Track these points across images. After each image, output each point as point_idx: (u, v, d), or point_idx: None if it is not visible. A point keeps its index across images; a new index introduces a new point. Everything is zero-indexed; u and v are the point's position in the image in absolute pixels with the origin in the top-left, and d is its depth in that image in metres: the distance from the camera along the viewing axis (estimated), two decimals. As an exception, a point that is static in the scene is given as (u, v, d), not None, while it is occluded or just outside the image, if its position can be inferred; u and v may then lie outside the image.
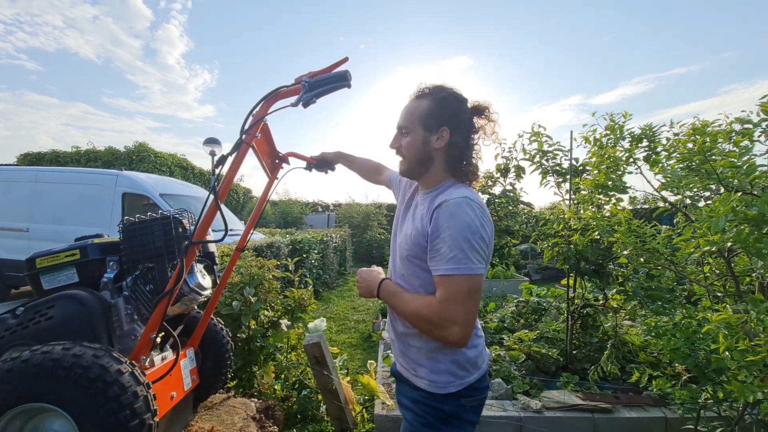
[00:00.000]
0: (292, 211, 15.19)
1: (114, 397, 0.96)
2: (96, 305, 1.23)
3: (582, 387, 2.50)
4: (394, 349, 1.14)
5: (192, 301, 1.47)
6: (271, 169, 1.75)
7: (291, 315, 2.99)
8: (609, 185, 2.04)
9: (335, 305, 6.24)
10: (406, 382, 1.08)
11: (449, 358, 1.00)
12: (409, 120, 1.06)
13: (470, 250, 0.90)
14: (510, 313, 3.90)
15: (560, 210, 2.94)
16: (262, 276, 2.83)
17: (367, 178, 1.59)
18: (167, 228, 1.44)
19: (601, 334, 2.99)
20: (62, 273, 1.36)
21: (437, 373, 1.00)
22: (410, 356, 1.06)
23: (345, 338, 4.58)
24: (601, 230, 2.30)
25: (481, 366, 1.05)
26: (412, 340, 1.04)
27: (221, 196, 1.26)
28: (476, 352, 1.05)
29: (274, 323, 2.81)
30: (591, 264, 2.71)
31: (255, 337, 2.63)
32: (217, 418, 1.64)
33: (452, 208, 0.93)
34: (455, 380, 1.00)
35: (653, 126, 2.03)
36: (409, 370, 1.06)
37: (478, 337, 1.08)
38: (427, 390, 1.00)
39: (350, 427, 2.43)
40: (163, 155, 12.41)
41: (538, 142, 3.03)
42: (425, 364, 1.02)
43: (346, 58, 1.28)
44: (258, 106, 1.33)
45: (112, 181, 5.80)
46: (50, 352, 0.97)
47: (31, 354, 0.96)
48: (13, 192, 6.00)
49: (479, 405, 1.07)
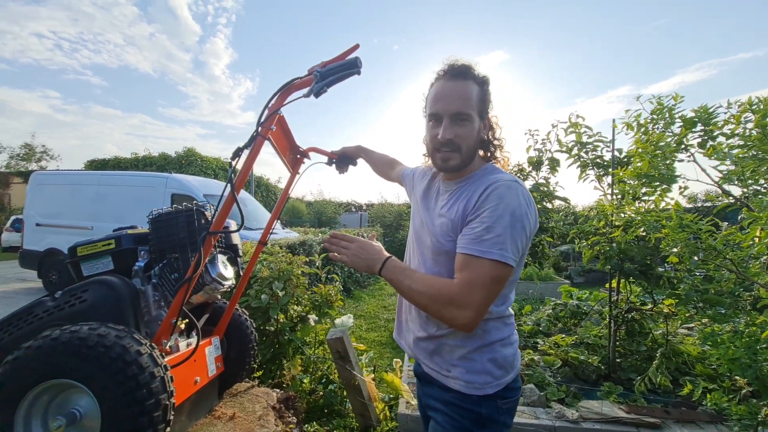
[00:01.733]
0: (326, 210, 15.61)
1: (132, 376, 1.01)
2: (125, 291, 1.32)
3: (626, 399, 2.28)
4: (418, 351, 1.06)
5: (214, 290, 1.53)
6: (292, 165, 1.77)
7: (319, 310, 3.04)
8: (653, 174, 1.82)
9: (366, 303, 6.27)
10: (435, 383, 1.01)
11: (487, 357, 0.94)
12: (469, 106, 0.94)
13: (507, 237, 0.84)
14: (546, 316, 3.67)
15: (601, 206, 2.72)
16: (291, 271, 2.90)
17: (380, 173, 1.56)
18: (190, 220, 1.51)
19: (650, 342, 2.71)
20: (100, 261, 1.47)
21: (474, 374, 0.94)
22: (443, 357, 0.99)
23: (374, 336, 4.57)
24: (647, 226, 2.08)
25: (516, 365, 1.00)
26: (446, 339, 0.98)
27: (237, 188, 1.29)
28: (513, 349, 0.99)
29: (302, 318, 2.87)
30: (637, 264, 2.47)
31: (283, 330, 2.70)
32: (240, 405, 1.69)
33: (502, 190, 0.87)
34: (493, 380, 0.94)
35: (708, 108, 1.79)
36: (440, 371, 1.00)
37: (514, 335, 1.02)
38: (462, 391, 0.94)
39: (373, 424, 2.40)
40: (208, 159, 13.32)
41: (576, 134, 2.82)
42: (460, 365, 0.96)
43: (357, 45, 1.26)
44: (273, 99, 1.35)
45: (163, 184, 6.32)
46: (77, 332, 1.04)
47: (60, 333, 1.04)
48: (79, 194, 6.74)
49: (514, 407, 1.00)
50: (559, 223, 3.30)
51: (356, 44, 1.26)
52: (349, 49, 1.27)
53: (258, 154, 1.36)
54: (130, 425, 1.00)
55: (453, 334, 0.97)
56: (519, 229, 0.85)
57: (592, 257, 2.68)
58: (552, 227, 2.98)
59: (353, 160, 1.67)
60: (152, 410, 1.03)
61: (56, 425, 1.06)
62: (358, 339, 4.36)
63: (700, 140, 1.88)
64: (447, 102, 0.94)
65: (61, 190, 6.84)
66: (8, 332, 1.29)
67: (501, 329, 0.98)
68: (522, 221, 0.86)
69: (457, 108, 0.94)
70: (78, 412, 1.08)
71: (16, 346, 1.08)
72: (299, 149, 1.75)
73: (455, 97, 0.94)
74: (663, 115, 1.91)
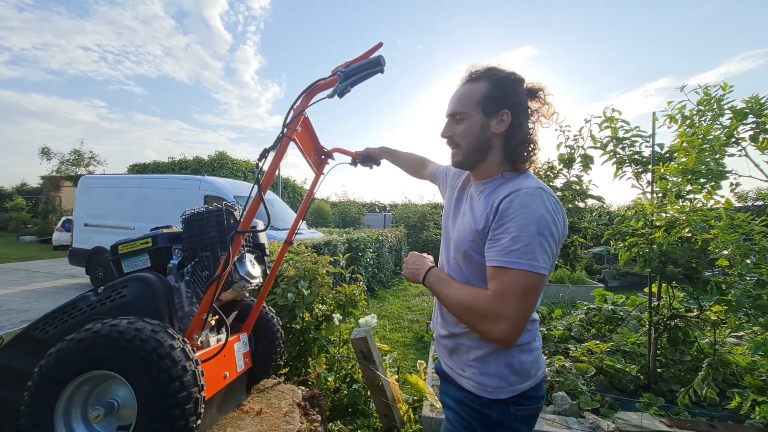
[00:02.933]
0: (350, 211, 15.77)
1: (166, 369, 1.06)
2: (160, 287, 1.39)
3: (668, 411, 2.13)
4: (440, 349, 1.10)
5: (242, 288, 1.57)
6: (317, 165, 1.79)
7: (343, 310, 3.07)
8: (701, 170, 1.68)
9: (390, 304, 6.26)
10: (451, 381, 1.04)
11: (503, 362, 0.93)
12: (465, 105, 0.99)
13: (536, 246, 0.82)
14: (578, 321, 3.50)
15: (640, 205, 2.55)
16: (316, 271, 2.94)
17: (411, 173, 1.56)
18: (220, 219, 1.56)
19: (695, 352, 2.52)
20: (138, 258, 1.56)
21: (487, 376, 0.94)
22: (459, 356, 1.01)
23: (398, 337, 4.55)
24: (694, 226, 1.92)
25: (536, 374, 0.97)
26: (464, 339, 0.99)
27: (264, 188, 1.32)
28: (532, 357, 0.97)
29: (327, 317, 2.90)
30: (680, 267, 2.30)
31: (309, 328, 2.74)
32: (266, 401, 1.73)
33: (525, 198, 0.86)
34: (506, 386, 0.93)
35: (761, 98, 1.63)
36: (455, 369, 1.01)
37: (536, 342, 0.99)
38: (474, 392, 0.95)
39: (397, 425, 2.38)
40: (238, 162, 13.85)
41: (611, 129, 2.67)
42: (475, 366, 0.96)
43: (380, 44, 1.26)
44: (298, 100, 1.37)
45: (196, 186, 6.63)
46: (117, 325, 1.10)
47: (101, 326, 1.11)
48: (123, 196, 7.20)
49: (532, 415, 0.97)
50: (593, 223, 3.13)
51: (379, 43, 1.26)
52: (373, 48, 1.26)
53: (284, 155, 1.39)
54: (164, 416, 1.04)
55: (469, 335, 0.97)
56: (547, 236, 0.83)
57: (629, 259, 2.53)
58: (585, 227, 2.84)
59: (376, 160, 1.68)
60: (184, 402, 1.07)
61: (95, 414, 1.12)
62: (382, 339, 4.35)
63: (752, 133, 1.72)
64: (448, 104, 1.04)
65: (107, 193, 7.35)
66: (54, 325, 1.39)
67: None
68: (549, 228, 0.84)
69: (452, 108, 1.01)
70: (116, 402, 1.14)
71: (61, 338, 1.16)
72: (324, 150, 1.77)
73: (454, 99, 1.02)
74: (711, 106, 1.77)
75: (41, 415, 1.12)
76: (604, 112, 2.67)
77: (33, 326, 1.43)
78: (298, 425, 1.53)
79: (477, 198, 1.00)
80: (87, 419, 1.17)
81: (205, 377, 1.21)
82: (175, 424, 1.05)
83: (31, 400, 1.12)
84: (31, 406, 1.12)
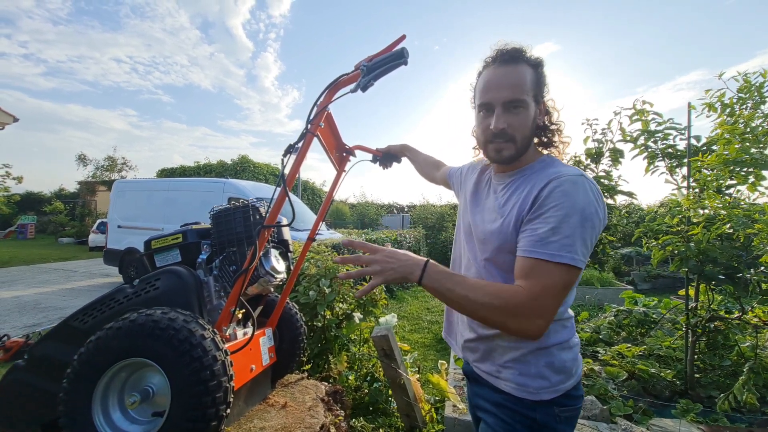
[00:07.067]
0: (368, 212, 15.83)
1: (197, 357, 1.09)
2: (191, 280, 1.43)
3: (707, 418, 2.01)
4: (467, 352, 1.02)
5: (267, 282, 1.60)
6: (339, 162, 1.80)
7: (363, 309, 3.08)
8: (745, 160, 1.58)
9: (409, 305, 6.22)
10: (485, 384, 0.97)
11: (543, 361, 0.87)
12: (523, 91, 0.87)
13: (577, 238, 0.77)
14: (607, 324, 3.37)
15: (674, 201, 2.43)
16: (336, 269, 2.97)
17: (424, 175, 1.53)
18: (246, 215, 1.60)
19: (735, 356, 2.37)
20: (170, 253, 1.62)
21: (528, 377, 0.88)
22: (493, 358, 0.94)
23: (418, 338, 4.52)
24: (735, 222, 1.81)
25: (577, 371, 0.92)
26: (499, 341, 0.92)
27: (288, 183, 1.34)
28: (572, 354, 0.92)
29: (348, 315, 2.92)
30: (721, 266, 2.16)
31: (330, 326, 2.76)
32: (291, 396, 1.75)
33: (566, 186, 0.80)
34: (549, 386, 0.87)
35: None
36: (491, 373, 0.94)
37: (574, 338, 0.94)
38: (515, 394, 0.88)
39: (419, 425, 2.36)
40: (260, 165, 14.23)
41: (642, 121, 2.56)
42: (513, 366, 0.90)
43: (404, 36, 1.25)
44: (321, 96, 1.38)
45: (220, 188, 6.88)
46: (152, 315, 1.15)
47: (137, 315, 1.15)
48: (153, 199, 7.54)
49: (574, 416, 0.91)
50: (622, 221, 3.00)
51: (403, 35, 1.26)
52: (396, 40, 1.26)
53: (308, 150, 1.40)
54: (196, 402, 1.07)
55: (504, 335, 0.90)
56: (589, 229, 0.78)
57: (662, 259, 2.41)
58: (614, 225, 2.72)
59: (397, 157, 1.67)
60: (215, 391, 1.09)
61: (131, 401, 1.16)
62: (402, 340, 4.33)
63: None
64: (498, 90, 0.88)
65: (138, 196, 7.72)
66: (92, 315, 1.46)
67: (560, 332, 0.90)
68: (592, 220, 0.78)
69: (509, 95, 0.87)
70: (151, 389, 1.18)
71: (100, 327, 1.21)
72: (345, 147, 1.78)
73: (507, 84, 0.88)
74: (752, 93, 1.66)
75: (80, 402, 1.16)
76: (634, 105, 2.56)
77: (72, 317, 1.50)
78: (322, 419, 1.54)
79: (506, 189, 0.94)
80: (123, 406, 1.22)
81: (233, 368, 1.24)
82: (206, 411, 1.08)
83: (70, 386, 1.16)
84: (70, 393, 1.16)
